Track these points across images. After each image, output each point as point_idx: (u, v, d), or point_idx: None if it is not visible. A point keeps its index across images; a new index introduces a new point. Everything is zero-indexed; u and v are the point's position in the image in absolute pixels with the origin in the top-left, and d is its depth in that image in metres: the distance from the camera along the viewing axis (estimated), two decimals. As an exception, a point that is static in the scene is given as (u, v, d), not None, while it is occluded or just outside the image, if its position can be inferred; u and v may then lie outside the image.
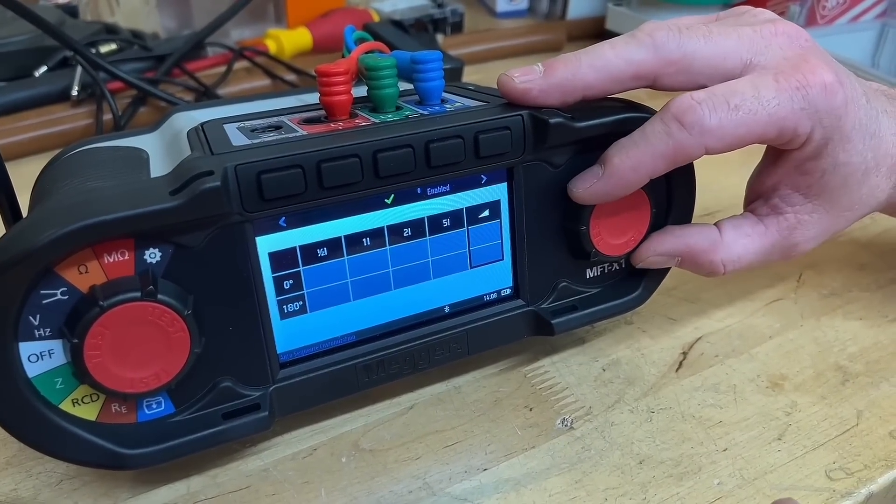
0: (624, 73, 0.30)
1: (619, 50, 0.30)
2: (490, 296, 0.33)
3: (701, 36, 0.31)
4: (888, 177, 0.34)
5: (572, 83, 0.30)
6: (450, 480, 0.30)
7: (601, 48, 0.31)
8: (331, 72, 0.29)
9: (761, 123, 0.30)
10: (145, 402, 0.27)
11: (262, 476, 0.30)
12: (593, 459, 0.31)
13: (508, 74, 0.31)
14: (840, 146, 0.31)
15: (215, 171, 0.25)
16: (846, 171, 0.32)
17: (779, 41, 0.31)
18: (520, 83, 0.30)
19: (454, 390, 0.34)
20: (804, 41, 0.32)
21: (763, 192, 0.35)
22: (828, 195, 0.33)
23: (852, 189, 0.33)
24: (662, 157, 0.30)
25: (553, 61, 0.31)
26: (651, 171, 0.30)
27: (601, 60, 0.30)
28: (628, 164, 0.30)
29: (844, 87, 0.31)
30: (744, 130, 0.30)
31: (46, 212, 0.24)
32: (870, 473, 0.30)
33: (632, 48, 0.30)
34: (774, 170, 0.34)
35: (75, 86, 0.59)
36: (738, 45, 0.31)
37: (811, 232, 0.34)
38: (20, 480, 0.30)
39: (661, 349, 0.37)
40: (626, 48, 0.30)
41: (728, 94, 0.29)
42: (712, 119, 0.29)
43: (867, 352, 0.36)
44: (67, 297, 0.25)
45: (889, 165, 0.33)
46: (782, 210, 0.34)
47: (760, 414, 0.33)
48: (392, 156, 0.28)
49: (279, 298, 0.29)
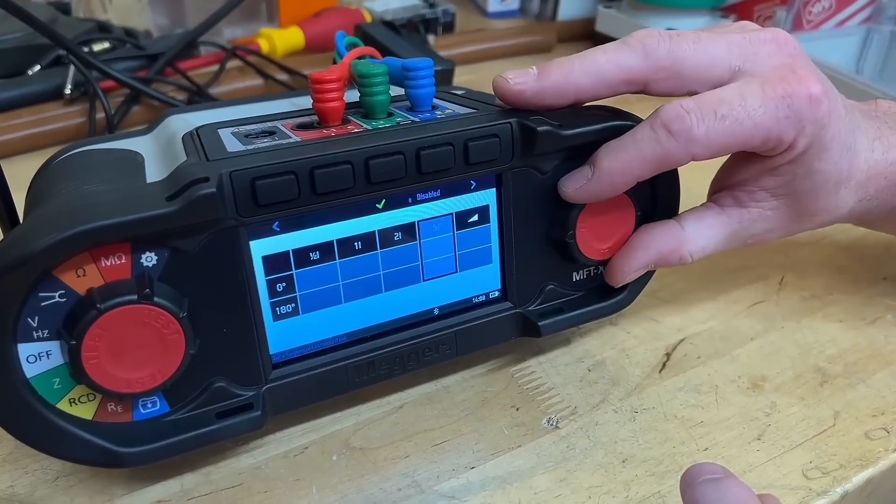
0: (615, 77, 0.31)
1: (611, 56, 0.31)
2: (479, 298, 0.34)
3: (690, 42, 0.32)
4: (856, 191, 0.35)
5: (564, 86, 0.31)
6: (438, 478, 0.31)
7: (594, 54, 0.31)
8: (324, 79, 0.30)
9: (747, 132, 0.30)
10: (141, 402, 0.28)
11: (254, 474, 0.31)
12: (578, 458, 0.31)
13: (504, 76, 0.31)
14: (817, 154, 0.32)
15: (211, 178, 0.26)
16: (819, 179, 0.33)
17: (767, 49, 0.32)
18: (514, 85, 0.31)
19: (443, 390, 0.35)
20: (792, 49, 0.33)
21: (730, 185, 0.35)
22: (794, 198, 0.34)
23: (820, 196, 0.34)
24: (650, 163, 0.31)
25: (547, 65, 0.31)
26: (638, 175, 0.31)
27: (594, 65, 0.31)
28: (617, 167, 0.31)
29: (829, 99, 0.31)
30: (730, 139, 0.30)
31: (45, 216, 0.25)
32: (845, 473, 0.31)
33: (623, 54, 0.31)
34: (746, 167, 0.34)
35: (68, 84, 0.59)
36: (728, 51, 0.32)
37: (771, 225, 0.35)
38: (17, 477, 0.30)
39: (645, 350, 0.38)
40: (617, 54, 0.31)
41: (716, 104, 0.30)
42: (699, 128, 0.30)
43: (845, 354, 0.37)
44: (65, 299, 0.25)
45: (859, 180, 0.34)
46: (745, 204, 0.35)
47: (741, 414, 0.34)
48: (384, 162, 0.28)
49: (272, 301, 0.29)
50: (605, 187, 0.32)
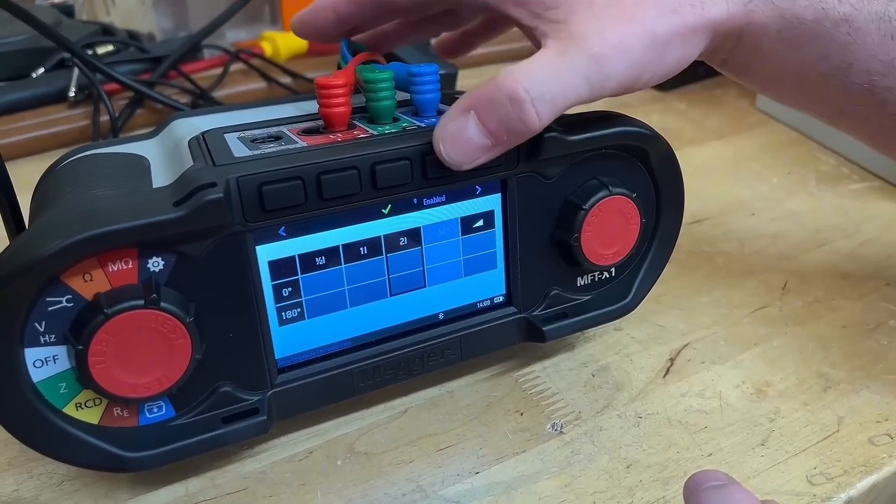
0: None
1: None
2: (483, 303, 0.34)
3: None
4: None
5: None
6: (442, 483, 0.31)
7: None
8: (330, 84, 0.30)
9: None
10: (146, 407, 0.28)
11: (259, 478, 0.31)
12: (582, 463, 0.32)
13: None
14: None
15: (218, 183, 0.26)
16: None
17: None
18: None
19: (447, 395, 0.35)
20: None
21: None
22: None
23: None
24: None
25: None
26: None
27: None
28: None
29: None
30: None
31: (52, 221, 0.25)
32: (849, 479, 0.31)
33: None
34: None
35: (72, 87, 0.60)
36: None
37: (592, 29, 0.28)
38: (22, 481, 0.30)
39: (649, 355, 0.38)
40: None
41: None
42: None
43: (849, 359, 0.37)
44: (72, 304, 0.25)
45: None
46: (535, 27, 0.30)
47: (745, 420, 0.34)
48: (390, 168, 0.28)
49: (278, 305, 0.29)
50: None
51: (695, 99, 0.69)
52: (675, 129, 0.63)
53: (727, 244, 0.47)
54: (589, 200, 0.32)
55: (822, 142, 0.60)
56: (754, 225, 0.49)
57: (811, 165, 0.57)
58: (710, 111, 0.67)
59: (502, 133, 0.28)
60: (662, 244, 0.36)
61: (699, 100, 0.69)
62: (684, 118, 0.65)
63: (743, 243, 0.47)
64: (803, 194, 0.53)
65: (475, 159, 0.29)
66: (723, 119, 0.65)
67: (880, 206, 0.51)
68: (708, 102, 0.68)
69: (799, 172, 0.56)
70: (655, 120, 0.63)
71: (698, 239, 0.47)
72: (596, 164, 0.33)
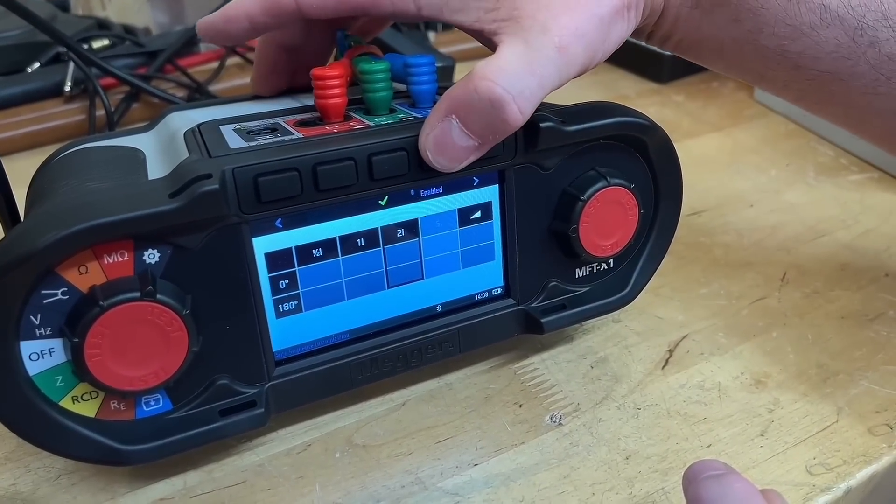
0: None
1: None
2: (481, 295, 0.34)
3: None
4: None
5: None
6: (441, 475, 0.30)
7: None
8: (326, 75, 0.30)
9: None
10: (144, 400, 0.28)
11: (257, 471, 0.31)
12: (581, 455, 0.31)
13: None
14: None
15: (213, 174, 0.26)
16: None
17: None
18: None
19: (445, 387, 0.35)
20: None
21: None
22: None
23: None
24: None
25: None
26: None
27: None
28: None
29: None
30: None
31: (47, 213, 0.25)
32: (848, 469, 0.31)
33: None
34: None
35: (68, 81, 0.59)
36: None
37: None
38: (19, 475, 0.30)
39: (647, 347, 0.38)
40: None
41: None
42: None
43: (848, 350, 0.37)
44: (68, 297, 0.25)
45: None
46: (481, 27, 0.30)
47: (744, 411, 0.34)
48: (386, 159, 0.28)
49: (275, 298, 0.29)
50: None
51: (692, 91, 0.69)
52: (673, 121, 0.63)
53: (726, 236, 0.47)
54: (587, 191, 0.32)
55: (821, 133, 0.60)
56: (753, 216, 0.49)
57: (810, 157, 0.57)
58: (708, 103, 0.67)
59: (487, 134, 0.28)
60: (661, 235, 0.36)
61: (697, 92, 0.69)
62: (682, 111, 0.65)
63: (741, 235, 0.47)
64: (802, 186, 0.53)
65: (464, 160, 0.29)
66: (721, 111, 0.65)
67: (879, 197, 0.51)
68: (706, 95, 0.68)
69: (797, 164, 0.56)
70: (653, 112, 0.63)
71: (697, 230, 0.47)
72: (594, 154, 0.33)
